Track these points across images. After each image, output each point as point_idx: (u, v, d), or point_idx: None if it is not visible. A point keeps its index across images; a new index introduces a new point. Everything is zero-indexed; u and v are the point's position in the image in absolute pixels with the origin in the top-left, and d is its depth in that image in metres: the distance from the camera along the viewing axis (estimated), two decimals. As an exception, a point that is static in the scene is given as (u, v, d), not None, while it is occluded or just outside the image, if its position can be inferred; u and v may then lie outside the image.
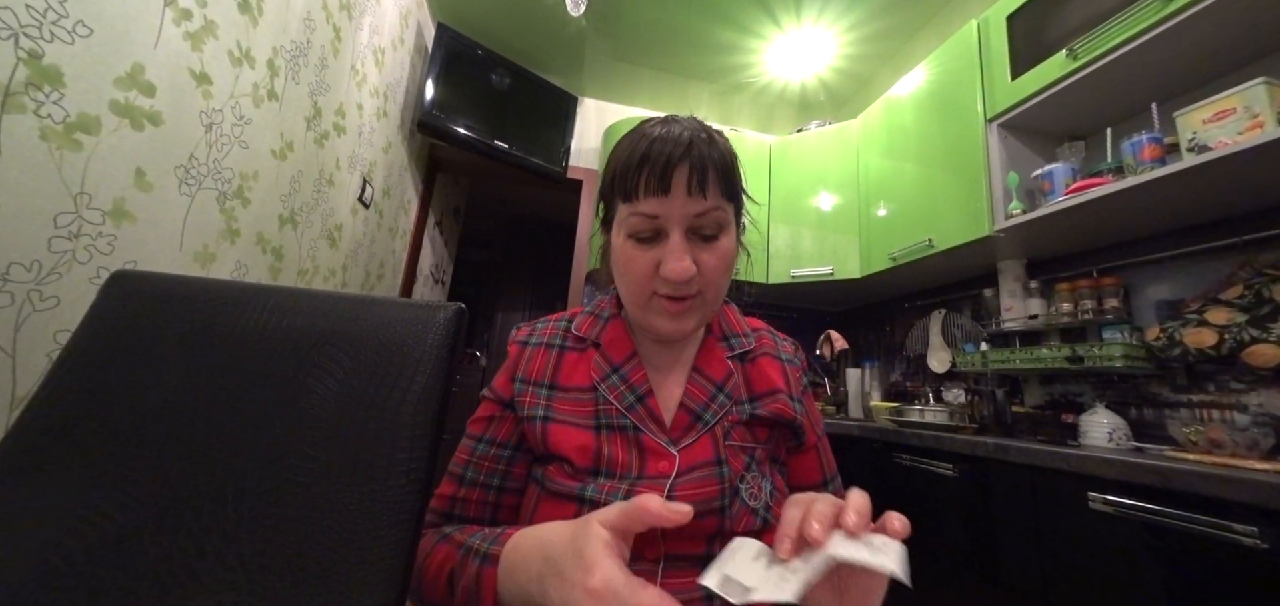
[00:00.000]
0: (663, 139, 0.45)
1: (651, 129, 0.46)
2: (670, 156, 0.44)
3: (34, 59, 0.72)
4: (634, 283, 0.47)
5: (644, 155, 0.44)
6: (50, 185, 0.75)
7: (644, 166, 0.44)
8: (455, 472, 0.50)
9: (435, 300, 1.36)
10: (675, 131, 0.45)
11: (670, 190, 0.44)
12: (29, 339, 0.74)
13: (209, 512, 0.38)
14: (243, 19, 1.09)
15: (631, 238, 0.46)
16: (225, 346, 0.44)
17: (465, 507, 0.49)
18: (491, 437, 0.51)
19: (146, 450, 0.40)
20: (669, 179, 0.44)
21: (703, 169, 0.44)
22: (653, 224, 0.45)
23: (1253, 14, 0.98)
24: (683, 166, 0.44)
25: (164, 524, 0.37)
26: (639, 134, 0.47)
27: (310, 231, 1.46)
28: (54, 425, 0.41)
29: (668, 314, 0.47)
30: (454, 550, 0.43)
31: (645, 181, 0.44)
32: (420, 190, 2.42)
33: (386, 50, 1.83)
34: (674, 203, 0.44)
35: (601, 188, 0.52)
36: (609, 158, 0.50)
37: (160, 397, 0.42)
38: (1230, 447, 0.92)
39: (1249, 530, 0.68)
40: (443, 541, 0.45)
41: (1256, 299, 1.02)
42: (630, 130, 0.49)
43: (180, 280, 0.47)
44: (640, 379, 0.49)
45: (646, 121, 0.49)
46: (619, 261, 0.48)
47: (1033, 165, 1.39)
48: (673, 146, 0.44)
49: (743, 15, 2.02)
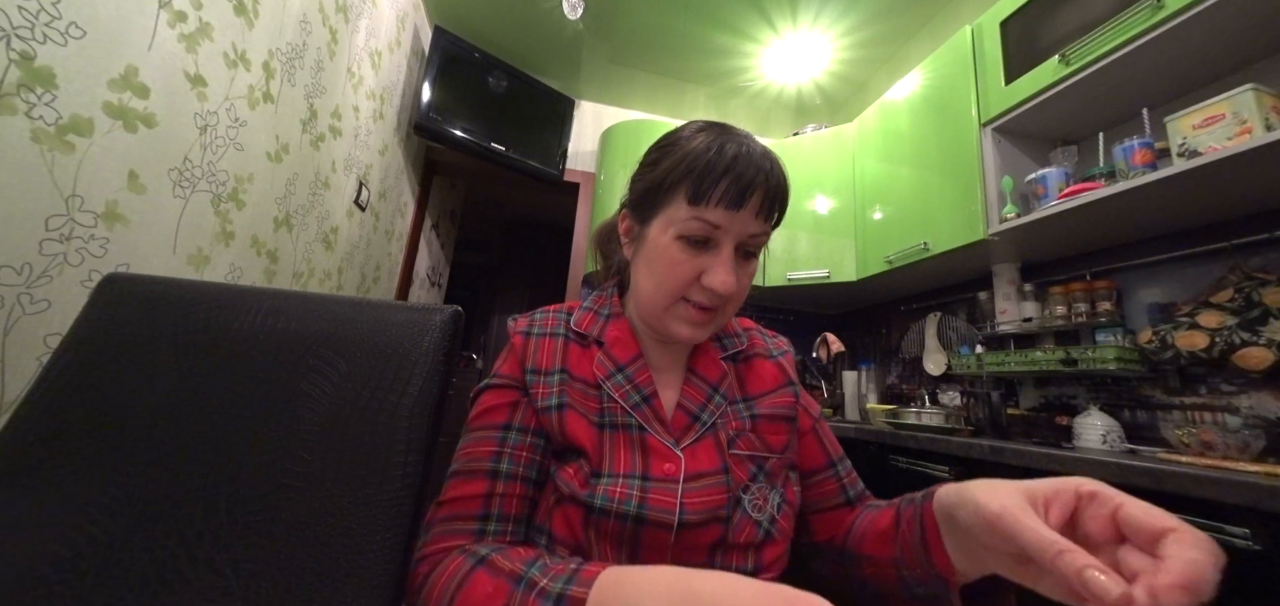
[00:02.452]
0: (748, 156, 0.44)
1: (730, 140, 0.45)
2: (754, 177, 0.43)
3: (26, 60, 0.71)
4: (670, 284, 0.46)
5: (728, 166, 0.43)
6: (41, 187, 0.75)
7: (726, 176, 0.43)
8: (483, 467, 0.44)
9: (432, 303, 1.36)
10: (756, 151, 0.45)
11: (743, 207, 0.43)
12: (18, 342, 0.73)
13: (201, 518, 0.37)
14: (238, 21, 1.08)
15: (683, 238, 0.45)
16: (219, 350, 0.43)
17: (506, 505, 0.43)
18: (522, 425, 0.46)
19: (138, 455, 0.39)
20: (745, 197, 0.43)
21: (774, 197, 0.45)
22: (712, 232, 0.44)
23: (1242, 22, 1.00)
24: (761, 189, 0.44)
25: (155, 529, 0.37)
26: (718, 139, 0.45)
27: (306, 234, 1.45)
28: (44, 430, 0.40)
29: (692, 322, 0.46)
30: (505, 583, 0.34)
31: (724, 191, 0.43)
32: (417, 193, 2.42)
33: (383, 53, 1.83)
34: (741, 220, 0.44)
35: (652, 178, 0.47)
36: (669, 149, 0.47)
37: (152, 402, 0.41)
38: (1222, 449, 0.93)
39: (1241, 531, 0.69)
40: (480, 567, 0.36)
41: (1246, 302, 1.03)
42: (697, 129, 0.47)
43: (173, 283, 0.47)
44: (646, 380, 0.48)
45: (716, 128, 0.47)
46: (660, 259, 0.46)
47: (1026, 169, 1.40)
48: (757, 168, 0.44)
49: (739, 20, 2.04)
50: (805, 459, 0.53)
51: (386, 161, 1.99)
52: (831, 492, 0.52)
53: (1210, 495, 0.72)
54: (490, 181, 2.87)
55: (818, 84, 2.39)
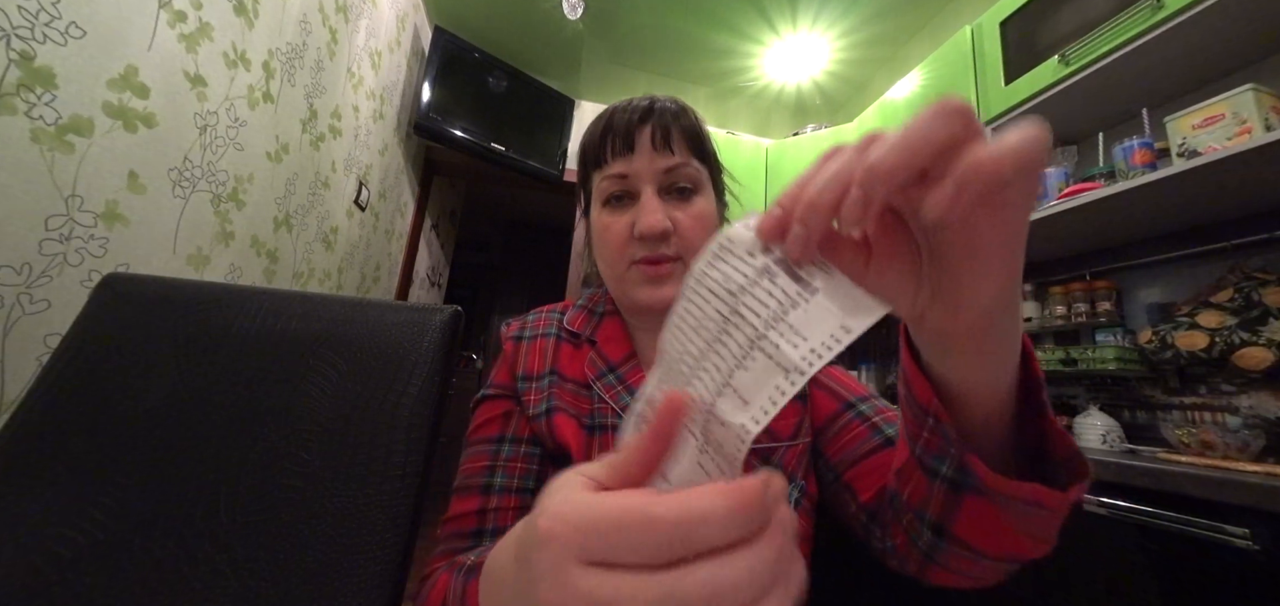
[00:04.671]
0: (627, 107, 0.47)
1: (617, 107, 0.48)
2: (631, 118, 0.45)
3: (26, 60, 0.71)
4: (612, 250, 0.46)
5: (608, 122, 0.47)
6: (41, 187, 0.75)
7: (609, 131, 0.46)
8: (477, 483, 0.43)
9: (431, 303, 1.36)
10: (638, 102, 0.47)
11: (635, 148, 0.45)
12: (18, 342, 0.73)
13: (201, 518, 0.37)
14: (238, 21, 1.08)
15: (606, 205, 0.47)
16: (218, 350, 0.43)
17: (500, 518, 0.41)
18: (515, 436, 0.45)
19: (137, 455, 0.39)
20: (632, 137, 0.45)
21: (666, 126, 0.46)
22: (623, 184, 0.46)
23: (1241, 22, 1.00)
24: (645, 126, 0.45)
25: (154, 529, 0.37)
26: (604, 111, 0.49)
27: (306, 234, 1.45)
28: (43, 430, 0.40)
29: (647, 279, 0.45)
30: (452, 574, 0.34)
31: (611, 144, 0.46)
32: (417, 193, 2.42)
33: (383, 53, 1.83)
34: (640, 159, 0.45)
35: (579, 176, 0.53)
36: (580, 145, 0.52)
37: (152, 401, 0.41)
38: (1222, 449, 0.93)
39: (1241, 531, 0.69)
40: (449, 570, 0.36)
41: (1246, 302, 1.03)
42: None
43: (173, 283, 0.47)
44: (638, 380, 0.46)
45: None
46: (596, 233, 0.49)
47: (1026, 170, 1.40)
48: (634, 110, 0.46)
49: (739, 20, 2.04)
50: (817, 414, 0.47)
51: (386, 161, 1.99)
52: (860, 436, 0.43)
53: (1210, 495, 0.72)
54: (490, 181, 2.87)
55: (817, 84, 2.39)
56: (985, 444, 0.27)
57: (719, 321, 0.20)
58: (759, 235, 0.20)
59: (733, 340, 0.19)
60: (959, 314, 0.21)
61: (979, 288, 0.20)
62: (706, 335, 0.21)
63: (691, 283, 0.22)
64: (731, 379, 0.19)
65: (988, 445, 0.27)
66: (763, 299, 0.19)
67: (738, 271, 0.20)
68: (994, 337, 0.23)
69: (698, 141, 0.48)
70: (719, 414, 0.19)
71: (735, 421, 0.18)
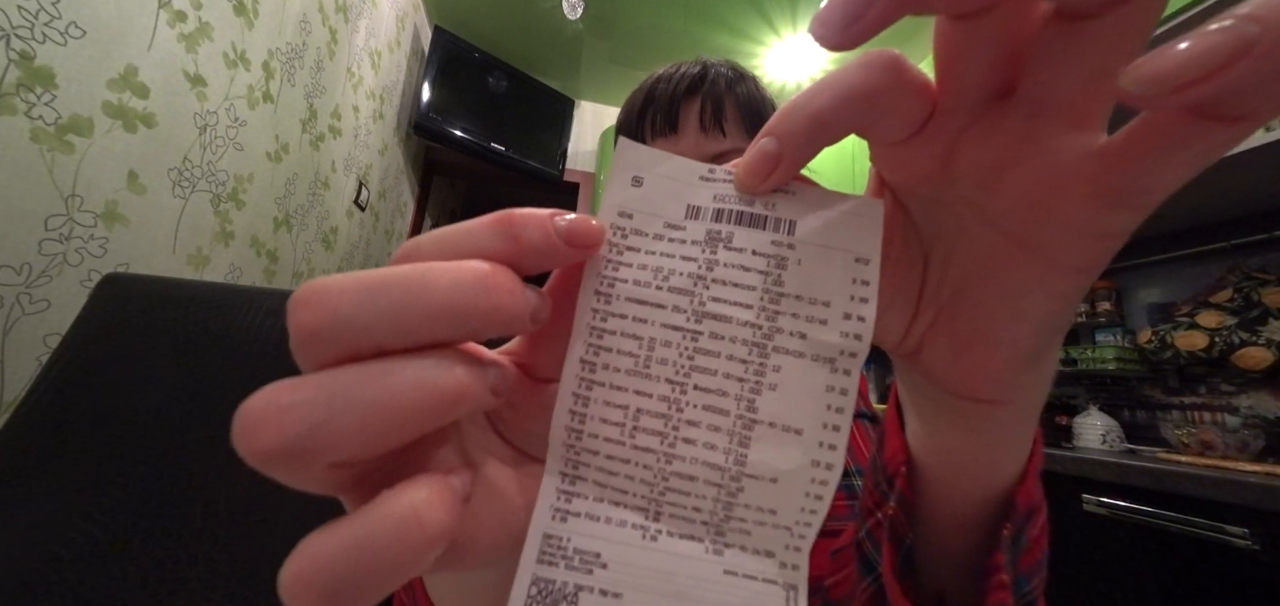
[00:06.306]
0: (669, 74, 0.37)
1: (659, 76, 0.38)
2: (676, 90, 0.36)
3: (25, 60, 0.71)
4: None
5: (649, 93, 0.37)
6: (41, 187, 0.75)
7: (649, 106, 0.37)
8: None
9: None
10: (686, 66, 0.37)
11: (679, 127, 0.36)
12: (18, 342, 0.73)
13: (200, 518, 0.37)
14: (238, 21, 1.08)
15: None
16: (218, 350, 0.43)
17: None
18: None
19: (137, 455, 0.39)
20: (676, 114, 0.36)
21: (718, 98, 0.36)
22: None
23: (1240, 21, 1.00)
24: (694, 99, 0.36)
25: (154, 530, 0.37)
26: (647, 78, 0.39)
27: (305, 234, 1.45)
28: (44, 430, 0.40)
29: None
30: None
31: (651, 121, 0.37)
32: (417, 193, 2.42)
33: (383, 53, 1.83)
34: (685, 140, 0.36)
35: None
36: (618, 117, 0.42)
37: (151, 402, 0.41)
38: (1221, 449, 0.93)
39: (1240, 531, 0.69)
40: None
41: (1246, 302, 1.03)
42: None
43: (173, 283, 0.47)
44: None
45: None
46: None
47: (1026, 170, 1.40)
48: (680, 78, 0.36)
49: (739, 21, 2.04)
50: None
51: (386, 161, 1.99)
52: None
53: (1210, 495, 0.72)
54: (490, 181, 2.87)
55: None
56: (945, 559, 0.18)
57: (683, 341, 0.13)
58: (739, 188, 0.13)
59: (723, 356, 0.12)
60: (973, 354, 0.13)
61: (1022, 312, 0.12)
62: (670, 373, 0.13)
63: (610, 320, 0.13)
64: (754, 410, 0.12)
65: (947, 562, 0.18)
66: (734, 277, 0.13)
67: (678, 256, 0.13)
68: (1012, 408, 0.14)
69: (757, 116, 0.38)
70: (755, 470, 0.12)
71: (787, 466, 0.12)
